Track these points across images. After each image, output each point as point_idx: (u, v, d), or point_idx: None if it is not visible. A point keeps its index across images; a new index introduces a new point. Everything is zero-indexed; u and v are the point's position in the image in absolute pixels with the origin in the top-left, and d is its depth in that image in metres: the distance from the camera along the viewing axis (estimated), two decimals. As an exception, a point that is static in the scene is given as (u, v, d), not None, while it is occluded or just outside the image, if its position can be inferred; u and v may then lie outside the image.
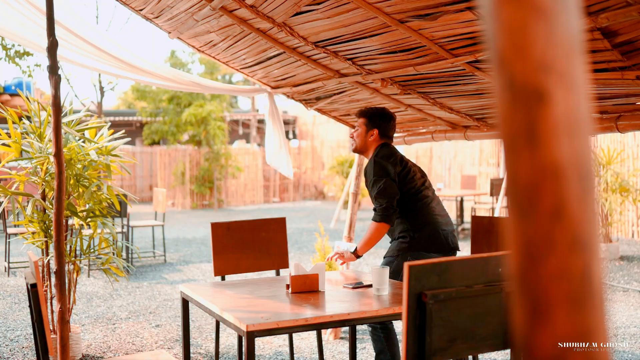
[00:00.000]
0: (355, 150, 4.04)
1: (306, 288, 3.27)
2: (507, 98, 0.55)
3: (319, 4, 3.37)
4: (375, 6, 3.10)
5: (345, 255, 3.80)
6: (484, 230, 3.74)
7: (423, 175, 3.88)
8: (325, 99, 5.00)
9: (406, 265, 2.07)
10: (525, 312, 0.54)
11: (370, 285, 3.36)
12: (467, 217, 12.87)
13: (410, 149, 14.85)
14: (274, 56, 4.54)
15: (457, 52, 3.26)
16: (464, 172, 13.66)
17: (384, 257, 3.89)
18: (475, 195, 11.20)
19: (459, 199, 11.10)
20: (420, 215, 3.71)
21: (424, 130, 4.89)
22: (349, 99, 4.81)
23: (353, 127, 5.63)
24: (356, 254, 3.78)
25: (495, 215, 10.00)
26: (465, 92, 3.82)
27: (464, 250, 9.66)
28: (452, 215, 13.26)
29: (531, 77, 0.54)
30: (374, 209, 3.73)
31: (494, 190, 10.37)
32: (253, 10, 3.78)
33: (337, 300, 3.15)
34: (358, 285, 3.39)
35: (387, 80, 4.00)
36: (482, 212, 11.64)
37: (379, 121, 3.90)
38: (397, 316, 2.98)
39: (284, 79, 5.05)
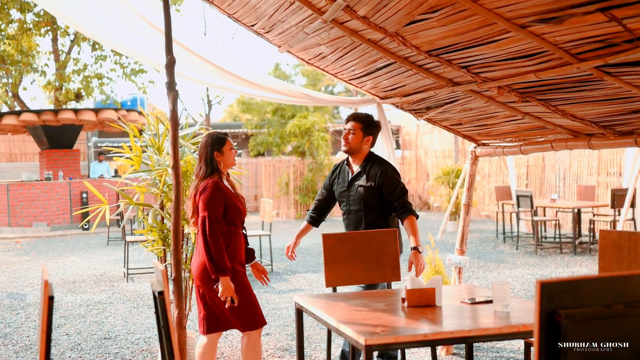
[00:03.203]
0: (348, 151, 4.40)
1: (422, 302, 3.19)
2: None
3: (434, 12, 3.29)
4: (494, 12, 2.99)
5: (422, 263, 4.10)
6: (614, 245, 3.50)
7: None
8: (436, 109, 4.90)
9: (538, 282, 1.96)
10: None
11: (490, 301, 3.23)
12: (584, 230, 12.22)
13: (520, 158, 14.29)
14: (384, 66, 4.51)
15: (583, 56, 3.08)
16: (581, 182, 12.97)
17: None
18: (593, 207, 10.56)
19: (575, 210, 10.52)
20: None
21: (543, 139, 4.67)
22: (461, 108, 4.68)
23: (464, 137, 5.50)
24: (421, 250, 4.13)
25: (618, 228, 9.43)
26: (592, 99, 3.61)
27: (584, 265, 9.17)
28: (568, 227, 12.65)
29: None
30: (401, 208, 4.22)
31: (616, 202, 9.73)
32: (365, 21, 3.76)
33: (455, 316, 3.05)
34: (477, 301, 3.27)
35: (505, 87, 3.85)
36: (603, 226, 10.97)
37: (372, 129, 4.37)
38: (521, 335, 2.84)
39: (393, 89, 5.00)
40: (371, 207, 4.31)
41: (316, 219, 4.65)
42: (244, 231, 3.99)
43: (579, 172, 13.14)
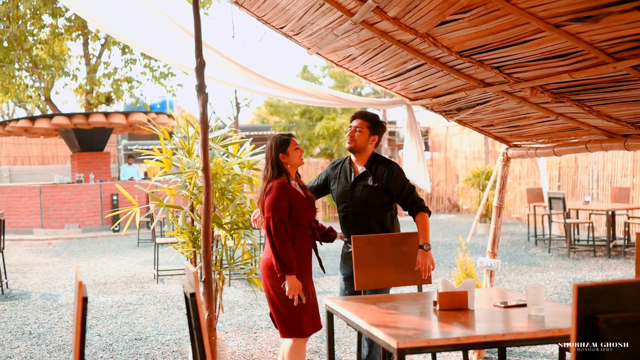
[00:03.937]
0: (352, 149, 4.27)
1: (455, 305, 3.15)
2: None
3: (465, 12, 3.26)
4: (528, 11, 2.94)
5: (427, 263, 3.99)
6: (651, 248, 3.42)
7: None
8: (467, 110, 4.85)
9: (575, 286, 1.92)
10: None
11: (523, 305, 3.18)
12: (619, 233, 11.98)
13: (552, 159, 14.06)
14: (414, 68, 4.47)
15: (620, 55, 3.02)
16: (615, 183, 12.71)
17: None
18: (628, 209, 10.33)
19: (609, 213, 10.31)
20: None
21: (576, 140, 4.59)
22: (492, 109, 4.62)
23: (496, 138, 5.43)
24: (427, 248, 4.01)
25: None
26: (628, 99, 3.53)
27: (618, 269, 8.99)
28: (602, 230, 12.43)
29: None
30: (412, 204, 4.10)
31: (652, 204, 9.52)
32: (395, 22, 3.73)
33: (488, 320, 3.01)
34: (510, 304, 3.22)
35: (538, 88, 3.79)
36: (638, 228, 10.72)
37: (379, 129, 4.28)
38: (556, 339, 2.79)
39: (423, 91, 4.96)
40: (376, 208, 4.19)
41: None
42: (316, 231, 3.96)
43: (613, 174, 12.88)
